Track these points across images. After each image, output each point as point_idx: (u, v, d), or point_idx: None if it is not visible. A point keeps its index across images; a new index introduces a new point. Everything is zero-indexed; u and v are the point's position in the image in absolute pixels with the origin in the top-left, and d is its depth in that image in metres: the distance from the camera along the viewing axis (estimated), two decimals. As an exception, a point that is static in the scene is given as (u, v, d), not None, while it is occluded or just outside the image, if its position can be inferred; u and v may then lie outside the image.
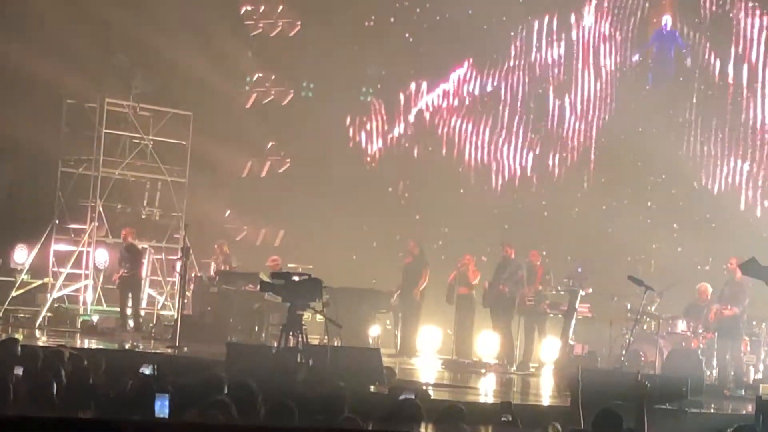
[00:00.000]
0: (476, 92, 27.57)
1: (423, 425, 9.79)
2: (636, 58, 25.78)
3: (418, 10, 28.13)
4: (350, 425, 8.56)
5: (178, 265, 22.91)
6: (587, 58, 26.30)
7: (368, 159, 28.59)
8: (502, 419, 10.79)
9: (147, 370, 12.04)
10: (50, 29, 25.89)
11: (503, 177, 27.19)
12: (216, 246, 25.36)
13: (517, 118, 27.18)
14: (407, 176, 28.22)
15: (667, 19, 25.50)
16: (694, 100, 25.02)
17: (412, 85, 28.29)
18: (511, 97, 27.18)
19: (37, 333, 23.07)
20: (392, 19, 28.35)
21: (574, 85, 26.47)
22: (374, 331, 23.17)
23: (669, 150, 25.18)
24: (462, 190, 27.58)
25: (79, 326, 24.31)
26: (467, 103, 27.66)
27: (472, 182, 27.55)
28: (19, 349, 13.44)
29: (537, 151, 26.88)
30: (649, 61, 25.94)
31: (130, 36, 26.78)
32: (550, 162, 26.72)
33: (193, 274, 24.46)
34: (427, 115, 28.16)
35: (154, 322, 24.85)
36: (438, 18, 27.91)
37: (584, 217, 25.68)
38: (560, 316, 21.37)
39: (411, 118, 28.32)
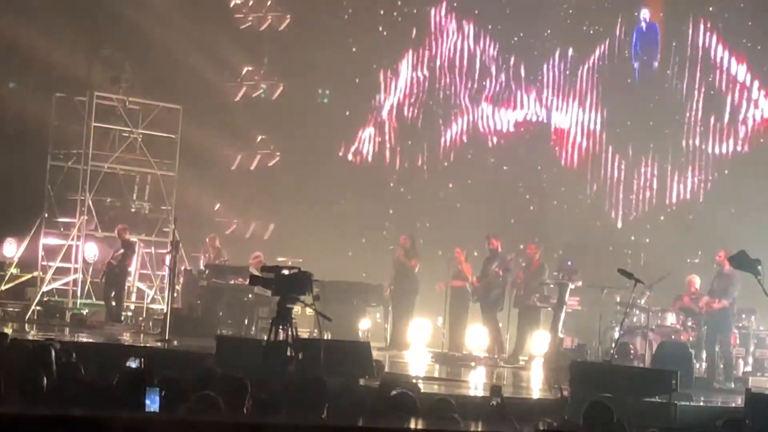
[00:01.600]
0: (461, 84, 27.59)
1: (413, 419, 9.78)
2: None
3: (399, 2, 28.14)
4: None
5: (168, 258, 22.90)
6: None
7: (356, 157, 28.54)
8: (491, 403, 10.81)
9: (133, 364, 12.08)
10: (39, 22, 25.82)
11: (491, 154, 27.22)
12: (207, 240, 25.36)
13: (503, 111, 27.18)
14: (396, 170, 28.19)
15: (645, 14, 25.47)
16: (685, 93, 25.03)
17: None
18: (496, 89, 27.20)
19: (27, 327, 23.03)
20: (382, 12, 28.33)
21: (558, 82, 26.47)
22: (364, 324, 23.17)
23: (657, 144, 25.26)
24: (451, 185, 27.57)
25: (68, 320, 24.29)
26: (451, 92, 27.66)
27: (460, 176, 27.54)
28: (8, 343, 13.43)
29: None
30: (630, 54, 25.91)
31: (119, 29, 26.73)
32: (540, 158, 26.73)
33: (182, 268, 24.46)
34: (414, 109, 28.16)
35: (144, 315, 24.85)
36: (416, 11, 27.92)
37: (572, 210, 25.72)
38: (550, 309, 21.38)
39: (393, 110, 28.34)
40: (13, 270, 25.08)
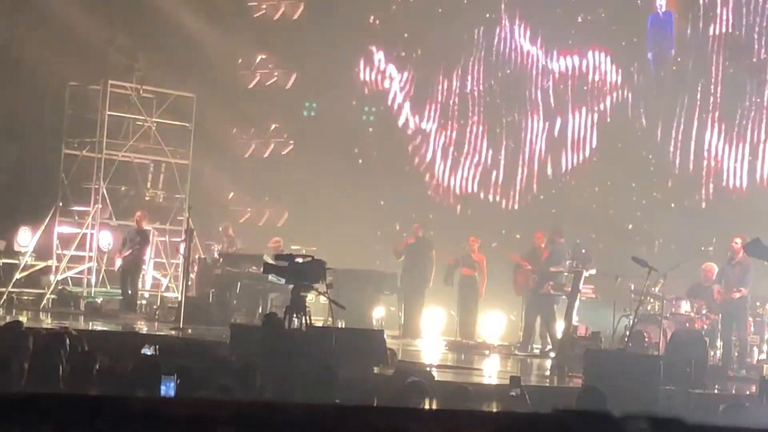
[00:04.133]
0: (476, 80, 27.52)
1: (427, 402, 9.81)
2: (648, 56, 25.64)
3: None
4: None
5: (182, 247, 22.94)
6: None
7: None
8: (511, 393, 10.82)
9: (148, 351, 12.12)
10: (53, 11, 25.86)
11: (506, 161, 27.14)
12: (221, 228, 25.42)
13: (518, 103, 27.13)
14: (411, 159, 28.15)
15: (661, 0, 25.33)
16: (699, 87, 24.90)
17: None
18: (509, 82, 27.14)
19: (41, 315, 23.10)
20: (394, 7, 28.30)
21: (572, 72, 26.38)
22: (378, 312, 23.18)
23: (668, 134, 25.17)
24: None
25: (83, 308, 24.35)
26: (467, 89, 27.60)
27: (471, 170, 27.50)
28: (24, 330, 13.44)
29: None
30: (648, 44, 25.79)
31: (133, 18, 26.76)
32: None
33: (196, 256, 24.49)
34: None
35: (158, 304, 24.90)
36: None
37: (584, 198, 25.67)
38: (564, 297, 21.35)
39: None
40: (27, 258, 25.13)
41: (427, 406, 9.78)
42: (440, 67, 27.65)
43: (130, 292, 23.79)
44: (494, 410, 10.13)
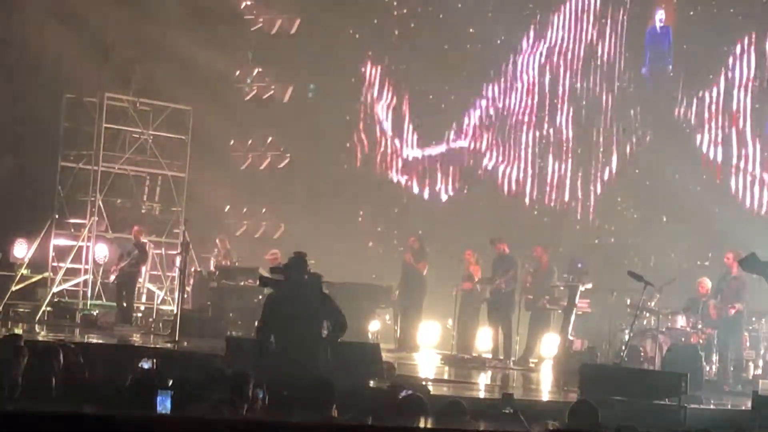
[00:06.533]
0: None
1: (423, 420, 9.79)
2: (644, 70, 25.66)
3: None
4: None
5: (178, 260, 22.93)
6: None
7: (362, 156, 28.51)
8: (504, 411, 10.80)
9: (146, 365, 12.10)
10: (50, 23, 25.87)
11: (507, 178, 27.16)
12: (217, 241, 25.42)
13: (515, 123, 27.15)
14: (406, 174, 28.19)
15: (661, 15, 25.32)
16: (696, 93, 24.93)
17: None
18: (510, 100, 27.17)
19: (37, 328, 23.07)
20: (395, 13, 28.32)
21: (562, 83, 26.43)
22: (374, 326, 23.16)
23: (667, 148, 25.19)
24: (466, 190, 27.52)
25: (78, 321, 24.32)
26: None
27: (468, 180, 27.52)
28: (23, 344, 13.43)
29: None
30: (645, 59, 25.81)
31: (129, 30, 26.77)
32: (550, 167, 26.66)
33: (192, 269, 24.49)
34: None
35: (154, 316, 24.88)
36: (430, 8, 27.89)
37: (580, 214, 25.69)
38: (560, 311, 21.37)
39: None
40: (23, 271, 25.10)
41: (422, 422, 9.76)
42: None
43: (125, 304, 23.77)
44: (488, 428, 10.10)
